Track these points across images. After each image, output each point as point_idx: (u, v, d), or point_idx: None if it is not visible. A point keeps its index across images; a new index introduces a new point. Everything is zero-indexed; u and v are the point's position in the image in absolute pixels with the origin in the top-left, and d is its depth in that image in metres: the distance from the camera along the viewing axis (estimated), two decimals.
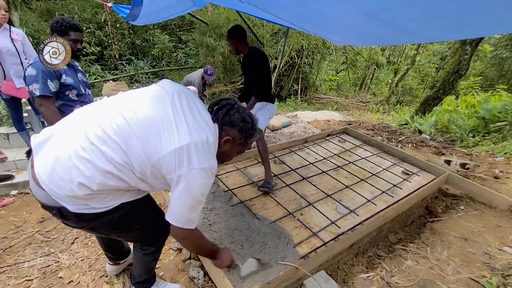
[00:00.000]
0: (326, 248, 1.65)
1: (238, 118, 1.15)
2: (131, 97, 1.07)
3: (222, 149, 1.17)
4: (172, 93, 1.08)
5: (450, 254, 1.87)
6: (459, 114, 4.98)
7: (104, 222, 1.09)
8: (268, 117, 2.45)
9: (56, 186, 0.96)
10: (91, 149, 0.95)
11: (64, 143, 0.97)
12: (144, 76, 6.88)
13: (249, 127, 1.17)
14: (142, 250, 1.34)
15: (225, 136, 1.14)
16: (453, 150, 3.92)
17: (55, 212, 1.03)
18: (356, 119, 6.32)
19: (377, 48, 11.28)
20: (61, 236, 2.03)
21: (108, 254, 1.63)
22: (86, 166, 0.94)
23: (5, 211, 2.27)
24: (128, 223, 1.16)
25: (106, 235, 1.27)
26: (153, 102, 1.04)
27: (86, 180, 0.94)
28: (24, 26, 5.49)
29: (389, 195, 2.29)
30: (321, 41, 8.45)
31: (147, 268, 1.43)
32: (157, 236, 1.33)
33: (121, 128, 0.97)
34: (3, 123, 3.18)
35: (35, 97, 1.74)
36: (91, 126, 0.98)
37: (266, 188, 2.17)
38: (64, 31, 1.82)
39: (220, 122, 1.14)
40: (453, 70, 6.05)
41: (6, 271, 1.72)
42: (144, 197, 1.20)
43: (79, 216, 1.03)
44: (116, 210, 1.08)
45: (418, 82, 12.26)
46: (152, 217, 1.25)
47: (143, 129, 0.97)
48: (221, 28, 7.05)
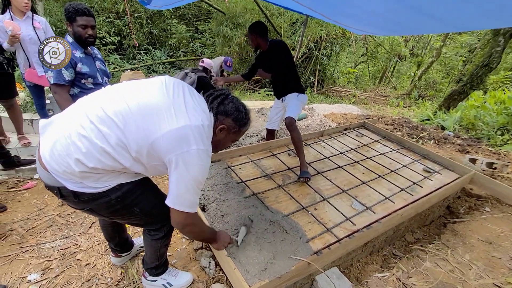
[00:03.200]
0: (340, 245, 1.60)
1: (232, 108, 1.20)
2: (133, 86, 1.11)
3: (217, 137, 1.22)
4: (172, 83, 1.14)
5: (472, 257, 1.77)
6: (487, 110, 4.69)
7: (102, 204, 1.11)
8: (301, 107, 2.51)
9: (55, 162, 1.01)
10: (90, 128, 0.99)
11: (66, 123, 1.03)
12: (161, 66, 6.95)
13: (243, 116, 1.23)
14: (150, 236, 1.36)
15: (220, 125, 1.20)
16: (479, 148, 3.71)
17: (56, 192, 1.08)
18: (375, 114, 6.11)
19: (400, 39, 10.75)
20: (79, 220, 2.10)
21: (111, 245, 1.65)
22: (83, 142, 0.98)
23: (28, 194, 2.38)
24: (128, 206, 1.17)
25: (110, 218, 1.28)
26: (154, 90, 1.08)
27: (82, 156, 0.98)
28: (48, 16, 5.65)
29: (408, 193, 2.20)
30: (341, 31, 8.16)
31: (157, 254, 1.44)
32: (161, 220, 1.32)
33: (121, 111, 1.01)
34: (27, 109, 3.31)
35: (50, 84, 1.77)
36: (93, 108, 1.03)
37: (306, 179, 2.17)
38: (71, 18, 1.79)
39: (215, 111, 1.19)
40: (483, 63, 5.67)
41: (28, 251, 1.81)
42: (142, 180, 1.20)
43: (77, 195, 1.06)
44: (113, 192, 1.10)
45: (443, 76, 11.64)
46: (153, 200, 1.25)
47: (143, 112, 1.01)
48: (238, 18, 6.95)
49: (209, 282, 1.61)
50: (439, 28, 1.82)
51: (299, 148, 2.31)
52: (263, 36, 2.38)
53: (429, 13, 1.46)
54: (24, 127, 3.00)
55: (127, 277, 1.65)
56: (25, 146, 2.85)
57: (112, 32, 6.50)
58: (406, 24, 1.85)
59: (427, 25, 1.78)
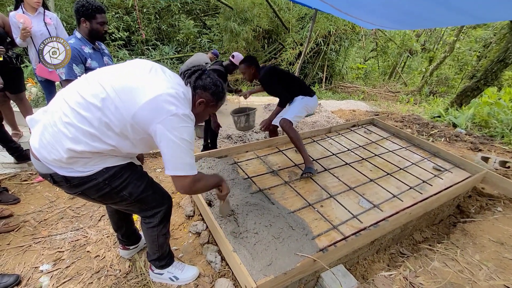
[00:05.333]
0: (346, 243, 1.59)
1: (210, 82, 1.26)
2: (107, 69, 1.16)
3: (196, 110, 1.27)
4: (144, 63, 1.19)
5: (483, 258, 1.73)
6: (501, 107, 4.55)
7: (91, 187, 1.15)
8: (302, 108, 2.52)
9: (45, 150, 1.07)
10: (72, 114, 1.04)
11: (50, 113, 1.09)
12: (169, 62, 6.97)
13: (220, 90, 1.29)
14: (146, 224, 1.40)
15: (199, 98, 1.25)
16: (492, 146, 3.61)
17: (49, 179, 1.14)
18: (384, 110, 6.01)
19: (412, 33, 10.47)
20: (89, 213, 2.15)
21: (118, 235, 1.69)
22: (68, 128, 1.04)
23: (40, 187, 2.44)
24: (116, 189, 1.20)
25: (104, 203, 1.33)
26: (127, 70, 1.13)
27: (69, 141, 1.04)
28: (59, 11, 5.72)
29: (417, 191, 2.16)
30: (350, 26, 8.01)
31: (156, 244, 1.46)
32: (153, 207, 1.36)
33: (97, 93, 1.05)
34: (39, 104, 3.39)
35: (62, 80, 1.80)
36: (71, 95, 1.08)
37: (309, 174, 2.18)
38: (91, 15, 1.82)
39: (193, 85, 1.24)
40: (498, 58, 5.47)
41: (41, 242, 1.86)
42: (129, 164, 1.25)
43: (68, 180, 1.11)
44: (100, 175, 1.14)
45: (456, 72, 11.31)
46: (140, 185, 1.27)
47: (119, 91, 1.06)
48: (245, 13, 6.89)
49: (215, 277, 1.63)
50: (456, 20, 1.75)
51: (299, 147, 2.32)
52: (256, 65, 2.48)
53: (449, 5, 1.41)
54: None
55: (135, 270, 1.68)
56: None
57: (121, 27, 6.54)
58: (420, 16, 1.78)
59: (443, 16, 1.71)
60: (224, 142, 3.91)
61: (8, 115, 2.75)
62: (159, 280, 1.58)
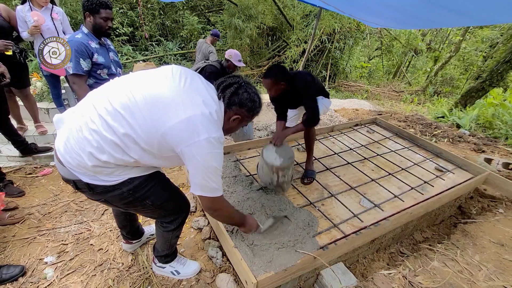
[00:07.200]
0: (346, 241, 1.60)
1: (247, 99, 1.17)
2: (141, 76, 1.10)
3: (229, 125, 1.22)
4: (179, 72, 1.11)
5: (483, 259, 1.74)
6: (506, 109, 4.51)
7: (115, 196, 1.14)
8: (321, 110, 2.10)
9: (69, 156, 1.04)
10: (99, 121, 1.01)
11: (77, 117, 1.06)
12: (172, 58, 6.98)
13: (257, 105, 1.21)
14: (162, 227, 1.40)
15: (234, 115, 1.18)
16: (496, 148, 3.59)
17: (72, 184, 1.12)
18: (387, 110, 5.98)
19: (417, 32, 10.38)
20: (93, 207, 2.18)
21: (122, 232, 1.72)
22: (94, 136, 1.00)
23: (45, 180, 2.48)
24: (139, 199, 1.19)
25: (125, 209, 1.32)
26: (161, 80, 1.06)
27: (94, 150, 1.00)
28: (63, 6, 5.73)
29: (418, 192, 2.16)
30: (355, 24, 7.95)
31: (167, 244, 1.49)
32: (173, 214, 1.36)
33: (127, 103, 1.00)
34: (44, 98, 3.41)
35: (69, 75, 1.81)
36: (101, 101, 1.04)
37: (310, 179, 2.15)
38: (95, 9, 1.82)
39: (227, 101, 1.15)
40: (504, 59, 5.42)
41: (45, 234, 1.89)
42: (153, 174, 1.22)
43: (91, 188, 1.10)
44: (125, 185, 1.13)
45: (461, 72, 11.21)
46: (164, 194, 1.27)
47: (149, 103, 1.00)
48: (250, 9, 6.86)
49: (216, 272, 1.65)
50: (460, 21, 1.74)
51: (311, 148, 2.25)
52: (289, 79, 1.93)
53: (450, 7, 1.41)
54: (41, 116, 3.10)
55: (137, 263, 1.70)
56: (42, 134, 2.95)
57: (125, 23, 6.55)
58: (425, 18, 1.78)
59: (447, 18, 1.71)
60: (226, 139, 3.92)
61: (14, 109, 2.78)
62: (161, 273, 1.61)
